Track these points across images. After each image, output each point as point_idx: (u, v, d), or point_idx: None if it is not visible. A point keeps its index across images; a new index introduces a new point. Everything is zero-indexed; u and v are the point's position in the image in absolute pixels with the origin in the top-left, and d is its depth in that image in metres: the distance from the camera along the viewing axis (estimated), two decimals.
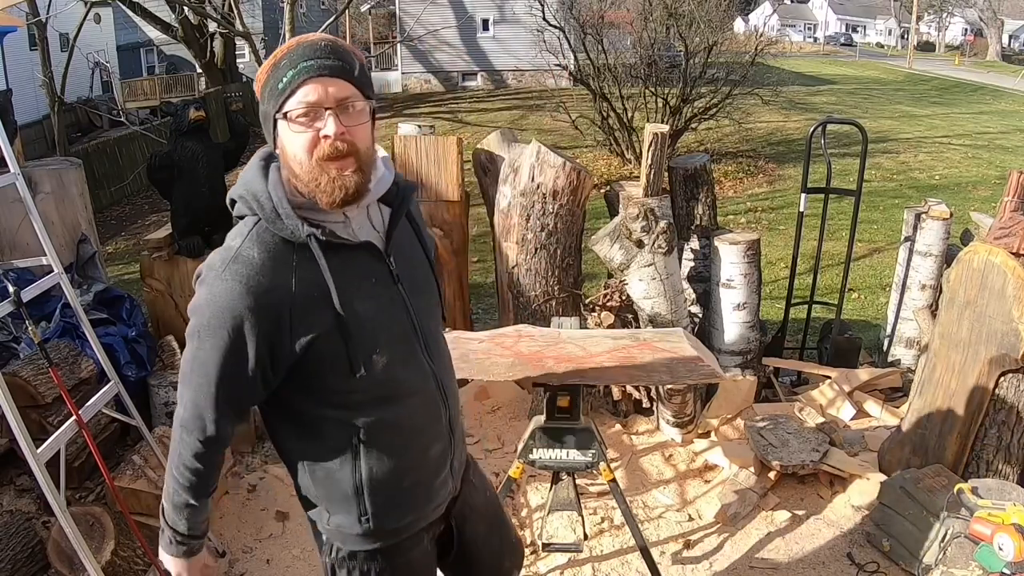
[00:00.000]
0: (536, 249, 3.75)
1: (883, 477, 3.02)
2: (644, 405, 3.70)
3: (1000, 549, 2.29)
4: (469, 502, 1.73)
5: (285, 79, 1.29)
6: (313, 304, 1.34)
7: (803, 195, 4.28)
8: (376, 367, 1.40)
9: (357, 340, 1.37)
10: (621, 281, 3.65)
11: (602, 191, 5.39)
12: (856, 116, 17.49)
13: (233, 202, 1.41)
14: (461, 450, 1.66)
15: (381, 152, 1.47)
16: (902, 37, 50.73)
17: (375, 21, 28.55)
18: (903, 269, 4.26)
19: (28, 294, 2.46)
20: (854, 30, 54.62)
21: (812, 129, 4.46)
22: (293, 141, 1.31)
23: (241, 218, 1.40)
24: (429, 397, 1.52)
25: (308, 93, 1.28)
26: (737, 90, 14.17)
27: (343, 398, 1.43)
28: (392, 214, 1.47)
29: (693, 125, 14.29)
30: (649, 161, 3.68)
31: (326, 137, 1.30)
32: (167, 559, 1.54)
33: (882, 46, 51.37)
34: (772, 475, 3.20)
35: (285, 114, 1.30)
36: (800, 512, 3.08)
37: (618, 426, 3.73)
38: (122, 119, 18.07)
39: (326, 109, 1.29)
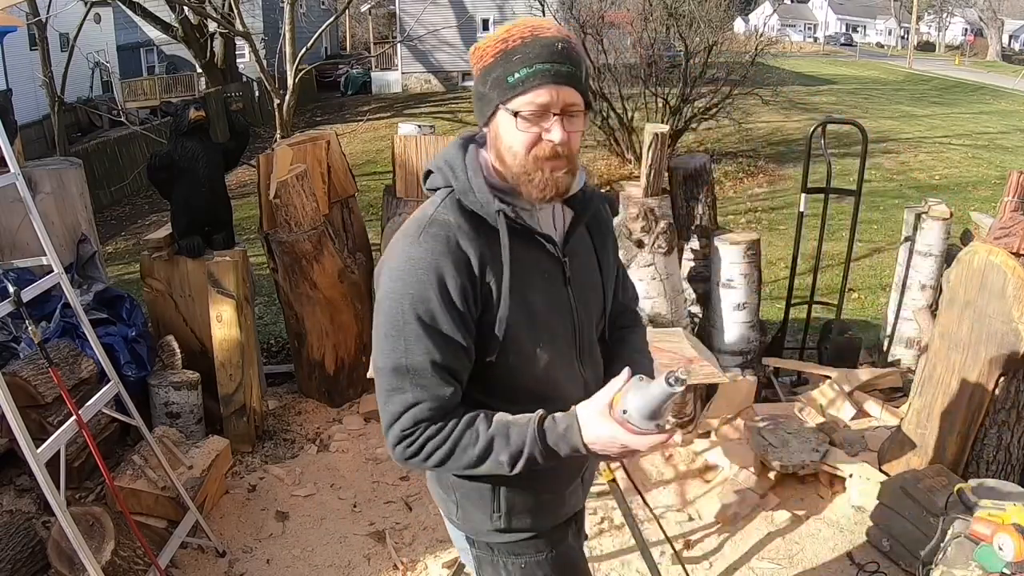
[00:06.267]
0: None
1: (883, 477, 3.02)
2: None
3: (1000, 549, 2.29)
4: (583, 518, 1.76)
5: (518, 75, 1.28)
6: (494, 279, 1.33)
7: (803, 195, 4.28)
8: (540, 362, 1.39)
9: (528, 329, 1.36)
10: None
11: (602, 191, 5.40)
12: (856, 116, 17.49)
13: (428, 174, 1.43)
14: (594, 464, 1.63)
15: None
16: (902, 37, 50.76)
17: (375, 21, 28.58)
18: (903, 269, 4.26)
19: (28, 294, 2.45)
20: (854, 30, 54.62)
21: (812, 129, 4.46)
22: (512, 135, 1.32)
23: (432, 191, 1.41)
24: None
25: (540, 96, 1.28)
26: (737, 90, 14.20)
27: (506, 385, 1.40)
28: (574, 217, 1.47)
29: (693, 125, 14.32)
30: (649, 161, 3.68)
31: (550, 141, 1.30)
32: (594, 439, 1.30)
33: (882, 46, 51.37)
34: (772, 475, 3.20)
35: (512, 110, 1.30)
36: (800, 512, 3.08)
37: None
38: (122, 119, 18.09)
39: (553, 113, 1.30)
